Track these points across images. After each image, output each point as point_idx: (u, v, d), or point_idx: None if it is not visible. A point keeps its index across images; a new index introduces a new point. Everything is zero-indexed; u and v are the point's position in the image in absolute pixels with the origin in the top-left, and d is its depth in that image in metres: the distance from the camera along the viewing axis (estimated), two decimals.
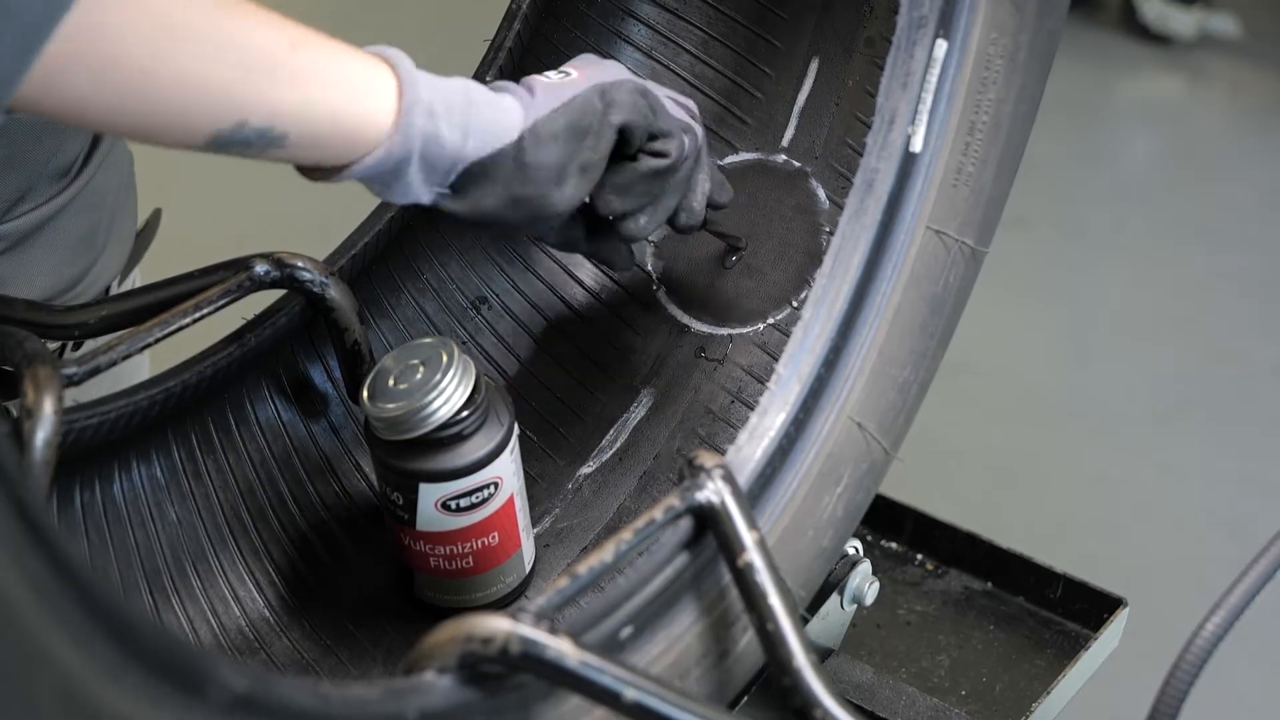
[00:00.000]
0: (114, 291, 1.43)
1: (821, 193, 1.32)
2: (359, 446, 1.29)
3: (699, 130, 1.19)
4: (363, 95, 1.01)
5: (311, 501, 1.27)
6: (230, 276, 1.17)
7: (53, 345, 1.18)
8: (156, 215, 1.50)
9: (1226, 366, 3.26)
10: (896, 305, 1.23)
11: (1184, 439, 3.06)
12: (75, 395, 1.13)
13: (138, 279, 1.50)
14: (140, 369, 1.44)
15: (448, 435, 1.14)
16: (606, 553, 1.00)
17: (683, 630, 1.07)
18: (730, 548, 1.05)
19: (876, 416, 1.23)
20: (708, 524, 1.06)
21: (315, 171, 1.04)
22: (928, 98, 1.23)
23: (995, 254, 1.33)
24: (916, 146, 1.24)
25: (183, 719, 0.77)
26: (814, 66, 1.35)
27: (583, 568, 0.99)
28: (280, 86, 0.97)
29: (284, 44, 0.97)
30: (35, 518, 0.71)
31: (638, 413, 1.32)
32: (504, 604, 1.22)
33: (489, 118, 1.06)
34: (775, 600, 1.03)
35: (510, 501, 1.18)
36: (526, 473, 1.24)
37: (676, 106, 1.18)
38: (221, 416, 1.24)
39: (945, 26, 1.23)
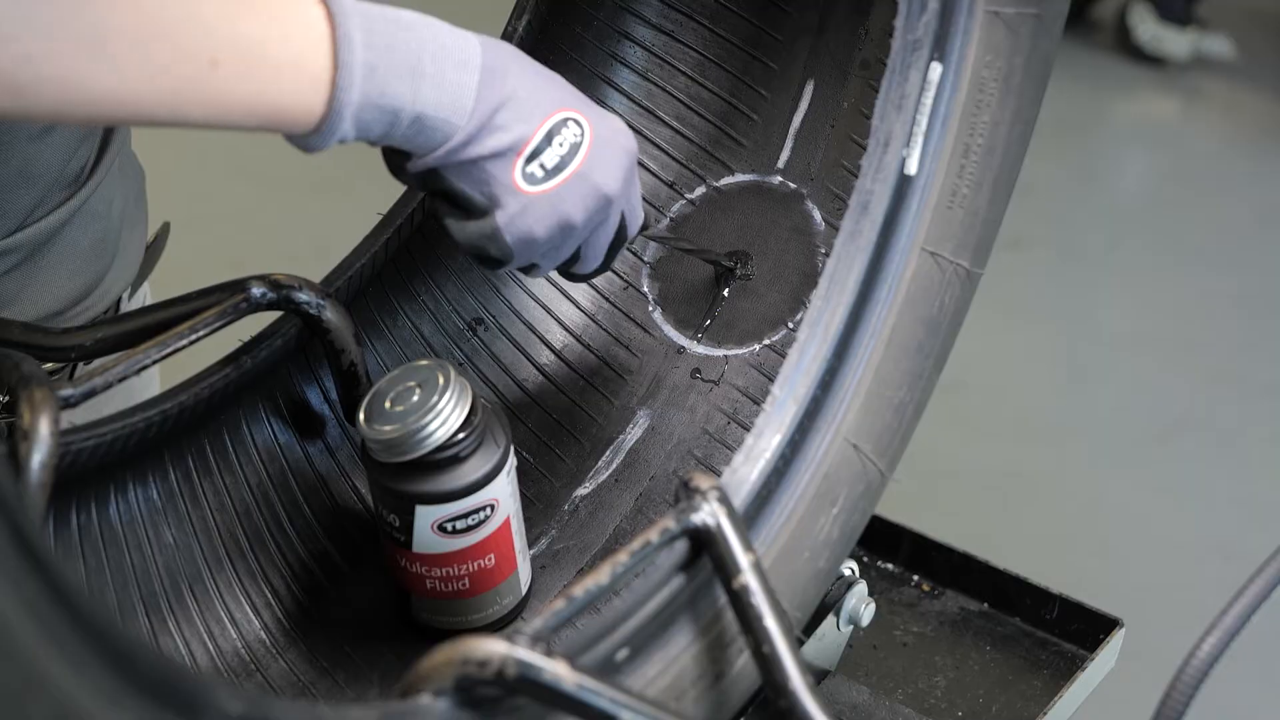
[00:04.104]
0: (125, 303, 1.43)
1: (817, 214, 1.32)
2: (355, 468, 1.29)
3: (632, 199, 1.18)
4: (290, 92, 0.98)
5: (308, 523, 1.27)
6: (227, 298, 1.17)
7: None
8: (166, 228, 1.51)
9: (1222, 386, 3.26)
10: (892, 327, 1.23)
11: (1180, 459, 3.07)
12: (70, 416, 1.13)
13: (148, 293, 1.51)
14: (151, 385, 1.44)
15: (444, 457, 1.14)
16: (603, 575, 1.00)
17: (679, 652, 1.07)
18: (726, 570, 1.05)
19: (872, 438, 1.23)
20: (703, 546, 1.06)
21: None
22: (922, 120, 1.24)
23: (991, 274, 1.34)
24: (911, 169, 1.24)
25: None
26: (809, 89, 1.35)
27: (579, 590, 0.99)
28: (191, 108, 0.95)
29: (205, 62, 0.94)
30: (32, 541, 0.71)
31: (634, 434, 1.32)
32: (501, 626, 1.22)
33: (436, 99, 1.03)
34: (771, 622, 1.03)
35: (507, 523, 1.18)
36: (523, 494, 1.24)
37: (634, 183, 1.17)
38: (218, 438, 1.24)
39: (940, 49, 1.24)
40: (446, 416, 1.13)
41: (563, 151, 1.09)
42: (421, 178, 1.08)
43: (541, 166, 1.08)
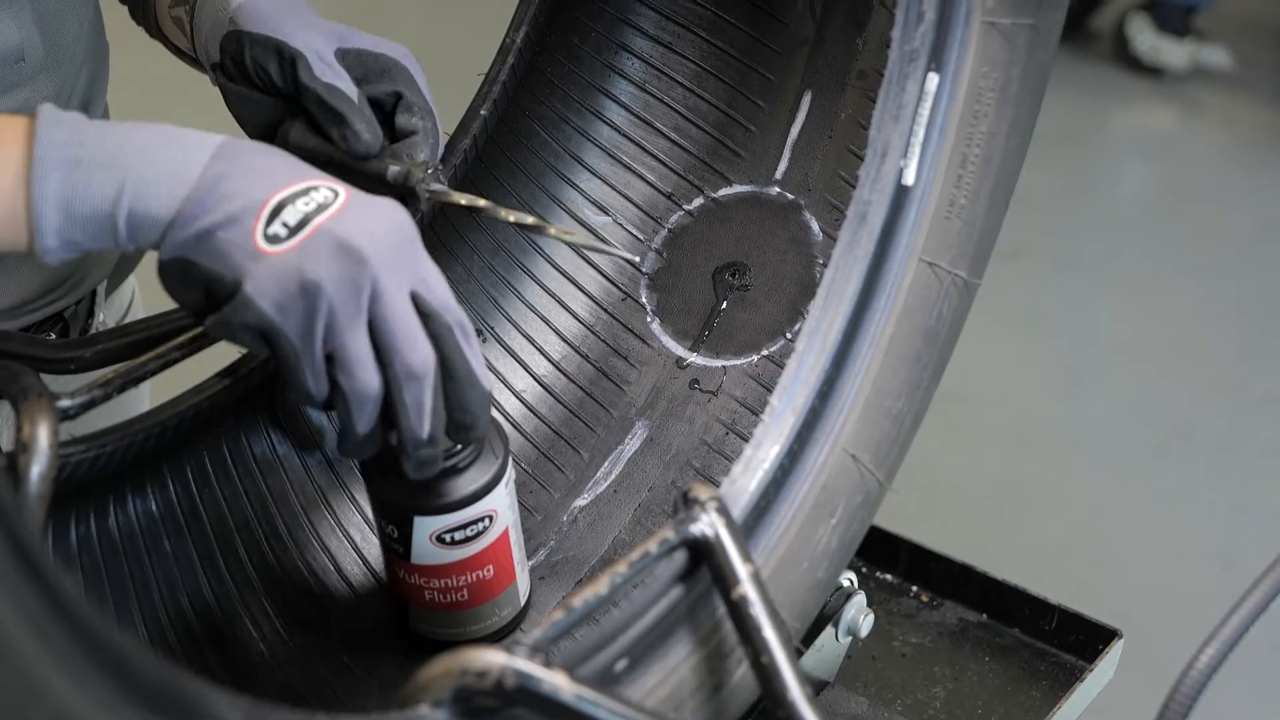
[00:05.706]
0: (100, 297, 1.43)
1: (815, 225, 1.32)
2: (354, 480, 1.29)
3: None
4: None
5: (307, 535, 1.27)
6: None
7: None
8: None
9: (1221, 396, 3.26)
10: (890, 337, 1.23)
11: (1179, 469, 3.07)
12: (69, 428, 1.13)
13: (138, 298, 1.51)
14: (141, 401, 1.45)
15: (443, 468, 1.14)
16: (601, 585, 1.00)
17: (678, 663, 1.07)
18: (725, 580, 1.05)
19: (871, 448, 1.23)
20: (702, 556, 1.06)
21: None
22: (920, 130, 1.24)
23: (990, 284, 1.34)
24: (909, 179, 1.24)
25: None
26: (807, 100, 1.35)
27: (578, 600, 0.99)
28: None
29: None
30: (31, 553, 0.71)
31: (632, 445, 1.32)
32: (499, 637, 1.22)
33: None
34: (770, 633, 1.03)
35: (505, 535, 1.18)
36: (521, 505, 1.24)
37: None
38: (217, 450, 1.24)
39: (937, 60, 1.24)
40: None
41: (308, 208, 0.98)
42: (173, 274, 1.00)
43: (285, 225, 0.98)
